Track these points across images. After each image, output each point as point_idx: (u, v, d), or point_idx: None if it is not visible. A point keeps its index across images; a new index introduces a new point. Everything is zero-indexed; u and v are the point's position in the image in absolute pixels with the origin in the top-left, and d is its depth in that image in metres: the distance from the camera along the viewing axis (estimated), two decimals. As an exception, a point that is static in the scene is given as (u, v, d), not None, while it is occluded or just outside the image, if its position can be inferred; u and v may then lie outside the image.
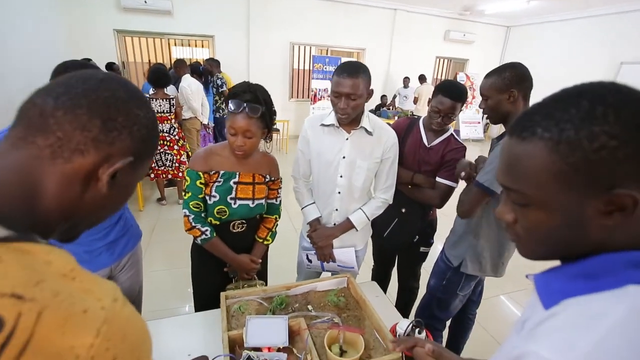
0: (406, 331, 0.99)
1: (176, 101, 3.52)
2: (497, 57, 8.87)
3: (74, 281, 0.37)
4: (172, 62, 4.70)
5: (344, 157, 1.42)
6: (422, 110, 6.70)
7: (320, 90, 6.60)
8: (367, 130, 1.39)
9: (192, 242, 1.43)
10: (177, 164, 3.62)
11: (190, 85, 3.96)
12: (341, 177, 1.44)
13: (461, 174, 1.41)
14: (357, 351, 1.02)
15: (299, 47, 7.32)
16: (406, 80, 7.48)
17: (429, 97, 1.59)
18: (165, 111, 3.43)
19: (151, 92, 3.44)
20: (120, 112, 0.45)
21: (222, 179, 1.30)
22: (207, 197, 1.31)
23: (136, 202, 3.70)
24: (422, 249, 1.82)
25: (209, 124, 4.51)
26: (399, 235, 1.72)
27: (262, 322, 1.07)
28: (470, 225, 1.46)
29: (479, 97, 1.42)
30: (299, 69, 7.54)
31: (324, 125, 1.43)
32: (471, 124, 7.97)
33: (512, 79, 1.27)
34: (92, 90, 0.43)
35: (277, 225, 1.50)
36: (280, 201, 1.50)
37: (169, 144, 3.55)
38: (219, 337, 1.04)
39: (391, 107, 7.65)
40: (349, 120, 1.35)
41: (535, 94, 1.26)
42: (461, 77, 7.92)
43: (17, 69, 3.94)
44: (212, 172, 1.29)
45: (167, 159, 3.59)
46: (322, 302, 1.27)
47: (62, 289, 0.35)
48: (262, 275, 1.55)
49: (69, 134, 0.42)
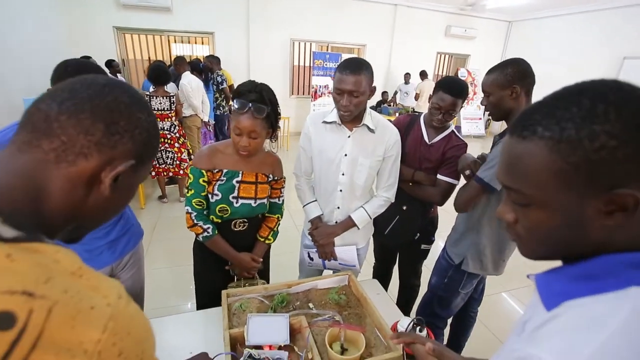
0: (407, 329, 0.98)
1: (176, 99, 3.51)
2: (499, 52, 8.81)
3: (81, 279, 0.38)
4: (172, 59, 4.68)
5: (346, 155, 1.41)
6: (424, 106, 6.67)
7: (320, 86, 6.56)
8: (369, 127, 1.38)
9: (194, 240, 1.43)
10: (178, 162, 3.62)
11: (190, 82, 3.95)
12: (343, 174, 1.44)
13: (465, 172, 1.41)
14: (358, 349, 1.02)
15: (299, 43, 7.28)
16: (407, 76, 7.45)
17: (430, 94, 1.58)
18: (165, 109, 3.42)
19: (151, 89, 3.43)
20: (122, 116, 0.46)
21: (224, 178, 1.30)
22: (210, 195, 1.31)
23: (137, 200, 3.71)
24: (423, 247, 1.82)
25: (209, 121, 4.50)
26: (400, 232, 1.72)
27: (263, 320, 1.08)
28: (472, 222, 1.45)
29: (481, 93, 1.40)
30: (299, 66, 7.50)
31: (326, 122, 1.42)
32: (472, 120, 7.94)
33: (514, 75, 1.26)
34: (95, 95, 0.45)
35: (279, 224, 1.50)
36: (283, 201, 1.50)
37: (169, 141, 3.54)
38: (221, 335, 1.04)
39: (392, 104, 7.62)
40: (351, 117, 1.34)
41: (537, 90, 1.25)
42: (462, 72, 7.88)
43: (17, 67, 3.93)
44: (216, 170, 1.29)
45: (167, 157, 3.58)
46: (323, 300, 1.27)
47: (71, 287, 0.36)
48: (264, 274, 1.55)
49: (72, 137, 0.43)
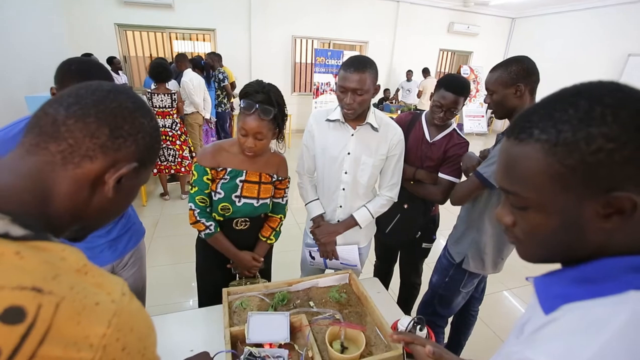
0: (407, 328, 0.98)
1: (178, 96, 3.50)
2: (502, 49, 8.75)
3: (86, 276, 0.40)
4: (174, 56, 4.67)
5: (349, 153, 1.41)
6: (426, 104, 6.64)
7: (322, 84, 6.53)
8: (372, 126, 1.38)
9: (197, 238, 1.44)
10: (179, 159, 3.62)
11: (192, 79, 3.95)
12: (346, 173, 1.43)
13: (469, 173, 1.40)
14: (358, 348, 1.02)
15: (301, 40, 7.24)
16: (409, 73, 7.41)
17: (432, 91, 1.57)
18: (167, 106, 3.41)
19: (153, 87, 3.42)
20: (126, 120, 0.48)
21: (228, 177, 1.30)
22: (212, 193, 1.31)
23: (139, 198, 3.72)
24: (424, 245, 1.81)
25: (211, 118, 4.50)
26: (401, 231, 1.71)
27: (264, 318, 1.08)
28: (472, 221, 1.45)
29: (483, 91, 1.40)
30: (300, 63, 7.47)
31: (329, 120, 1.41)
32: (475, 118, 7.89)
33: (518, 73, 1.25)
34: (100, 100, 0.47)
35: (281, 224, 1.49)
36: (286, 201, 1.48)
37: (171, 139, 3.54)
38: (221, 333, 1.04)
39: (394, 101, 7.59)
40: (355, 115, 1.34)
41: (541, 88, 1.24)
42: (465, 70, 7.82)
43: (19, 65, 3.94)
44: (220, 168, 1.29)
45: (169, 154, 3.58)
46: (323, 298, 1.27)
47: (77, 283, 0.38)
48: (266, 273, 1.55)
49: (79, 140, 0.45)
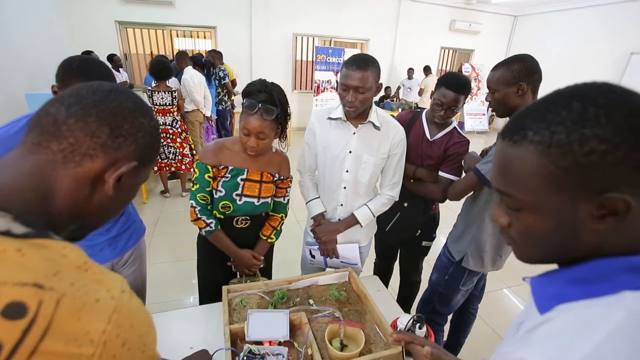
0: (407, 326, 0.98)
1: (178, 93, 3.50)
2: (504, 47, 8.71)
3: (87, 272, 0.40)
4: (174, 53, 4.66)
5: (351, 152, 1.40)
6: (427, 102, 6.60)
7: (323, 81, 6.51)
8: (374, 124, 1.37)
9: (198, 235, 1.44)
10: (180, 157, 3.62)
11: (192, 77, 3.94)
12: (347, 172, 1.43)
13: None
14: (358, 346, 1.02)
15: (302, 38, 7.23)
16: (410, 71, 7.39)
17: (433, 90, 1.57)
18: (167, 104, 3.41)
19: (153, 84, 3.42)
20: (126, 120, 0.49)
21: (229, 175, 1.30)
22: (214, 191, 1.31)
23: (140, 195, 3.72)
24: (424, 243, 1.81)
25: (211, 116, 4.49)
26: (401, 229, 1.71)
27: (264, 315, 1.08)
28: (473, 219, 1.45)
29: (485, 89, 1.39)
30: (301, 60, 7.45)
31: (331, 118, 1.41)
32: (476, 116, 7.86)
33: (520, 71, 1.24)
34: (101, 100, 0.47)
35: (282, 224, 1.48)
36: (288, 200, 1.48)
37: (171, 136, 3.53)
38: (221, 330, 1.05)
39: (395, 99, 7.57)
40: (357, 113, 1.33)
41: (543, 86, 1.23)
42: (466, 68, 7.79)
43: (19, 62, 3.94)
44: (221, 166, 1.29)
45: (170, 152, 3.58)
46: (323, 296, 1.28)
47: (77, 280, 0.38)
48: (266, 271, 1.55)
49: (79, 139, 0.45)
